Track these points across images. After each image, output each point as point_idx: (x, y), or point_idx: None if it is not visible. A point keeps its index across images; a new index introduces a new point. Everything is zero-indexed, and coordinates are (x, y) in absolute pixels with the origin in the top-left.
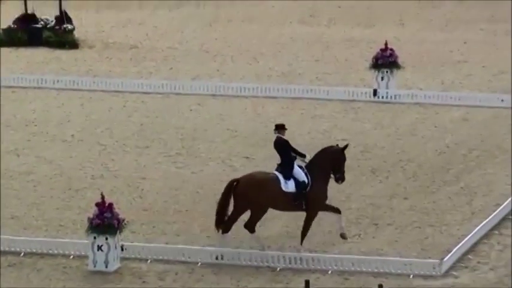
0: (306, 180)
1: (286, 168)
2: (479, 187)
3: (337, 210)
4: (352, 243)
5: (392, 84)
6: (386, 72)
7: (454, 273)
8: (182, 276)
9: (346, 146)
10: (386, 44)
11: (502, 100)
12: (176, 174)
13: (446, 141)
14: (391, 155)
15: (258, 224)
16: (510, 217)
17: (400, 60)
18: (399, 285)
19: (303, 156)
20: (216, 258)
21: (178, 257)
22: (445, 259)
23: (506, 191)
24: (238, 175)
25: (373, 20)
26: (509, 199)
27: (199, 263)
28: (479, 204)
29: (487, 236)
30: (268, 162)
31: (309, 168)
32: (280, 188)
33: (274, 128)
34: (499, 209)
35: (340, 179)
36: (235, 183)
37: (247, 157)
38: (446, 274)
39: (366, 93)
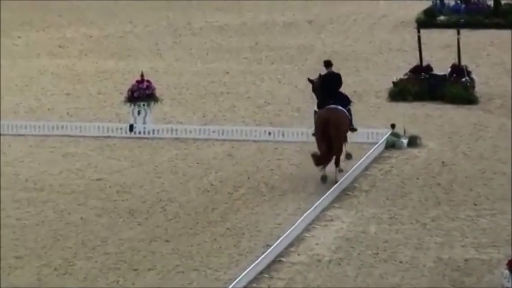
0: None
1: (344, 101)
2: (246, 227)
3: None
4: None
5: (149, 119)
6: (143, 105)
7: None
8: None
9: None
10: (142, 76)
11: (269, 133)
12: None
13: (210, 178)
14: (150, 194)
15: None
16: (281, 259)
17: (157, 93)
18: None
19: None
20: None
21: None
22: None
23: (275, 231)
24: None
25: (128, 50)
26: (279, 240)
27: None
28: (247, 246)
29: (256, 279)
30: (19, 204)
31: None
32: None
33: (324, 64)
34: (269, 251)
35: None
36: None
37: None
38: None
39: (121, 128)
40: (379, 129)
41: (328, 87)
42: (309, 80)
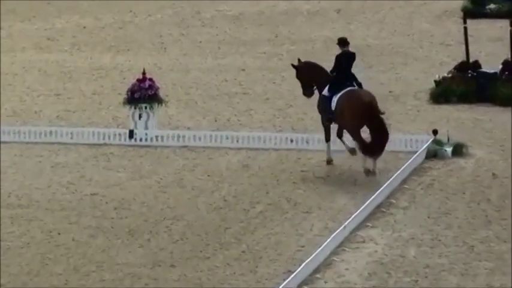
0: None
1: (358, 82)
2: (265, 250)
3: None
4: None
5: (152, 124)
6: (145, 108)
7: None
8: None
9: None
10: (144, 73)
11: (291, 140)
12: None
13: (223, 193)
14: (153, 212)
15: None
16: (304, 287)
17: (161, 93)
18: None
19: None
20: None
21: None
22: None
23: (298, 254)
24: None
25: (128, 43)
26: (303, 265)
27: None
28: (265, 272)
29: None
30: (0, 223)
31: None
32: None
33: (338, 42)
34: (291, 277)
35: None
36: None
37: None
38: None
39: (120, 134)
40: (418, 135)
41: (344, 68)
42: (293, 66)
